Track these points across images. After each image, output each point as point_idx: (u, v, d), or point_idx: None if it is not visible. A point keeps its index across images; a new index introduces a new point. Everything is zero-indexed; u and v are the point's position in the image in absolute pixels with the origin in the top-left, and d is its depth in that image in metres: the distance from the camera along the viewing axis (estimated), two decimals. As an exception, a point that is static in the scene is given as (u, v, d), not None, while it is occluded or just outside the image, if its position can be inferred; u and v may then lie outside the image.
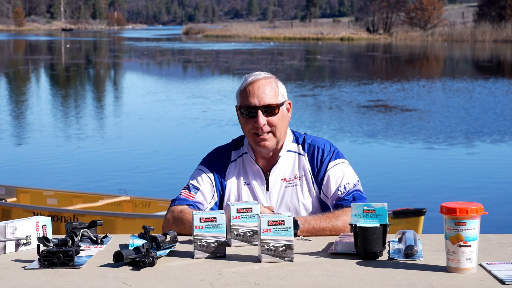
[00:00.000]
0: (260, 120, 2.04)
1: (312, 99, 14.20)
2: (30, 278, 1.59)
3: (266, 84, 2.07)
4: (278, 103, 2.07)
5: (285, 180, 2.11)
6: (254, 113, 2.05)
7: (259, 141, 2.07)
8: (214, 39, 52.30)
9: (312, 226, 1.95)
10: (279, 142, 2.10)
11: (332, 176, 2.08)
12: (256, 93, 2.05)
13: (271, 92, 2.06)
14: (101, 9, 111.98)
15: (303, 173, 2.11)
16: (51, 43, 46.44)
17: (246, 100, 2.06)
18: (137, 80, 20.48)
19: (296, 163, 2.12)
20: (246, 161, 2.14)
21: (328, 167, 2.09)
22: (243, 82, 2.10)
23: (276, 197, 2.10)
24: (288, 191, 2.10)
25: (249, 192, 2.11)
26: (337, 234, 1.95)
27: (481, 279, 1.54)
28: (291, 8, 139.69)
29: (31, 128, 11.13)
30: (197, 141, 9.59)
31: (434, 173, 7.57)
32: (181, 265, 1.68)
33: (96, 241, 1.88)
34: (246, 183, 2.11)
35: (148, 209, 5.55)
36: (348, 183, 2.07)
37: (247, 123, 2.07)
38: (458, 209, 1.57)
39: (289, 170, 2.11)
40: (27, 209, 5.27)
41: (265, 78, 2.08)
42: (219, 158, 2.14)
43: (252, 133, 2.07)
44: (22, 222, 1.85)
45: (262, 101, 2.05)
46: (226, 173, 2.12)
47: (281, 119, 2.07)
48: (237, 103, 2.13)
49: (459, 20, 57.61)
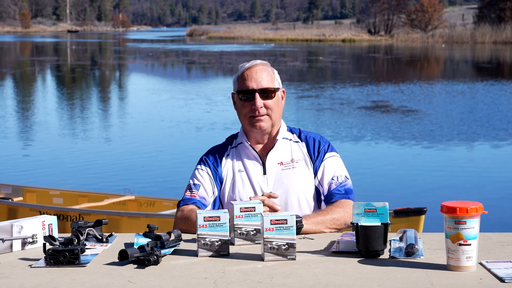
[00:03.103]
0: (258, 102, 2.11)
1: (313, 100, 14.20)
2: (36, 276, 1.61)
3: (263, 69, 2.15)
4: (274, 88, 2.15)
5: (282, 164, 2.16)
6: (252, 96, 2.13)
7: (254, 122, 2.13)
8: (218, 41, 52.30)
9: (313, 221, 2.01)
10: (274, 125, 2.16)
11: (328, 167, 2.16)
12: (254, 77, 2.13)
13: (267, 77, 2.14)
14: (106, 11, 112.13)
15: (300, 158, 2.17)
16: (57, 45, 46.53)
17: (244, 84, 2.13)
18: (141, 81, 20.52)
19: (292, 149, 2.19)
20: (241, 150, 2.19)
21: (324, 157, 2.16)
22: (240, 68, 2.18)
23: (273, 180, 2.14)
24: (284, 173, 2.15)
25: (243, 178, 2.15)
26: (337, 226, 2.02)
27: (481, 277, 1.55)
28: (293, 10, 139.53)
29: (37, 128, 11.17)
30: (201, 141, 9.61)
31: (435, 173, 7.58)
32: (185, 264, 1.70)
33: (101, 239, 1.90)
34: (240, 170, 2.16)
35: (153, 208, 5.58)
36: (340, 175, 2.16)
37: (244, 107, 2.14)
38: (458, 208, 1.58)
39: (286, 154, 2.17)
40: (33, 208, 5.29)
41: (262, 64, 2.17)
42: (214, 153, 2.21)
43: (248, 116, 2.14)
44: (29, 221, 1.87)
45: (260, 84, 2.13)
46: (222, 165, 2.18)
47: (276, 104, 2.15)
48: (234, 89, 2.20)
49: (459, 22, 57.46)
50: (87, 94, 16.92)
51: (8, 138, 10.15)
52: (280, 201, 2.12)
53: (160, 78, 22.02)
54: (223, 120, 11.36)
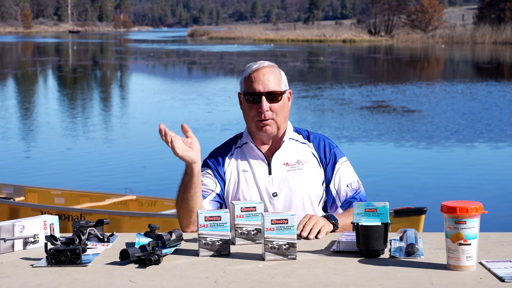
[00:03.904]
0: (264, 106, 2.10)
1: (314, 100, 14.20)
2: (38, 276, 1.61)
3: (271, 72, 2.13)
4: (281, 91, 2.13)
5: (287, 165, 2.15)
6: (258, 99, 2.11)
7: (261, 125, 2.12)
8: (219, 41, 52.31)
9: (344, 223, 2.03)
10: (280, 128, 2.16)
11: (343, 174, 2.17)
12: (261, 79, 2.11)
13: (275, 79, 2.13)
14: (107, 11, 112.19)
15: (307, 159, 2.16)
16: (59, 45, 46.57)
17: (251, 86, 2.12)
18: (143, 81, 20.53)
19: (299, 150, 2.18)
20: (246, 150, 2.18)
21: (338, 163, 2.17)
22: (248, 69, 2.16)
23: (278, 180, 2.14)
24: (290, 175, 2.14)
25: (247, 178, 2.14)
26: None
27: (481, 277, 1.56)
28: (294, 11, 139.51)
29: (39, 128, 11.19)
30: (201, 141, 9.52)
31: (435, 173, 7.60)
32: (186, 263, 1.70)
33: (102, 239, 1.90)
34: (245, 170, 2.15)
35: (154, 208, 5.58)
36: (354, 181, 2.18)
37: (251, 109, 2.13)
38: (458, 208, 1.58)
39: (292, 155, 2.16)
40: (35, 208, 5.30)
41: (270, 66, 2.15)
42: (215, 155, 2.20)
43: (255, 120, 2.13)
44: (30, 220, 1.87)
45: (267, 87, 2.11)
46: (225, 164, 2.18)
47: (282, 107, 2.14)
48: (240, 90, 2.18)
49: (459, 22, 57.44)
50: (89, 94, 16.94)
51: (9, 138, 10.17)
52: (285, 201, 2.12)
53: (161, 78, 22.03)
54: (224, 121, 11.37)
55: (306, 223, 1.94)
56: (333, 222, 1.99)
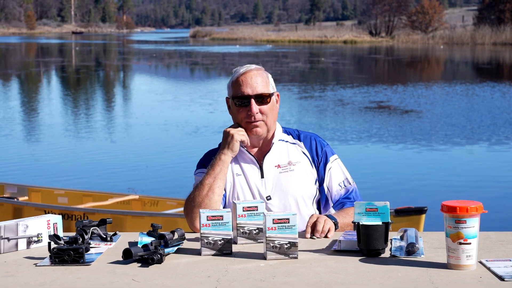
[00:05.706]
0: (254, 108, 2.11)
1: (314, 100, 14.21)
2: (42, 275, 1.63)
3: (258, 74, 2.14)
4: (269, 93, 2.14)
5: (279, 167, 2.16)
6: (247, 102, 2.12)
7: (251, 127, 2.13)
8: (221, 42, 52.33)
9: (342, 222, 2.05)
10: (269, 130, 2.16)
11: (334, 173, 2.18)
12: (249, 82, 2.12)
13: (262, 82, 2.14)
14: (110, 12, 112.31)
15: (299, 159, 2.17)
16: (62, 46, 46.63)
17: (239, 89, 2.13)
18: (145, 82, 20.55)
19: (290, 151, 2.18)
20: (238, 154, 2.17)
21: (329, 162, 2.17)
22: (235, 73, 2.17)
23: (271, 183, 2.15)
24: (282, 177, 2.15)
25: (241, 182, 2.15)
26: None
27: (481, 276, 1.57)
28: (295, 12, 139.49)
29: (42, 128, 11.22)
30: (204, 141, 9.63)
31: (435, 173, 7.60)
32: (189, 262, 1.71)
33: (105, 238, 1.91)
34: (238, 174, 2.16)
35: (157, 207, 5.60)
36: (345, 180, 2.19)
37: (240, 112, 2.13)
38: (458, 207, 1.59)
39: (282, 157, 2.17)
40: (38, 207, 5.31)
41: (257, 69, 2.16)
42: (210, 156, 2.19)
43: (244, 122, 2.13)
44: (34, 220, 1.88)
45: (255, 90, 2.12)
46: None
47: (271, 109, 2.15)
48: (228, 94, 2.19)
49: (459, 23, 57.33)
50: (92, 94, 16.97)
51: (13, 138, 10.19)
52: (279, 204, 2.12)
53: (164, 79, 22.06)
54: (226, 121, 11.38)
55: (316, 223, 1.96)
56: (334, 221, 2.00)
